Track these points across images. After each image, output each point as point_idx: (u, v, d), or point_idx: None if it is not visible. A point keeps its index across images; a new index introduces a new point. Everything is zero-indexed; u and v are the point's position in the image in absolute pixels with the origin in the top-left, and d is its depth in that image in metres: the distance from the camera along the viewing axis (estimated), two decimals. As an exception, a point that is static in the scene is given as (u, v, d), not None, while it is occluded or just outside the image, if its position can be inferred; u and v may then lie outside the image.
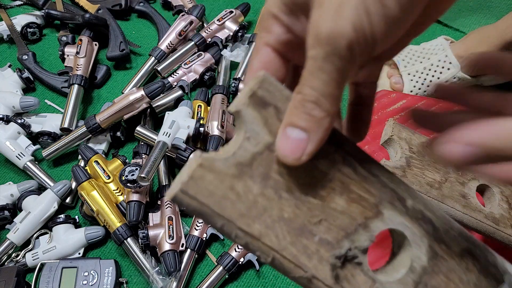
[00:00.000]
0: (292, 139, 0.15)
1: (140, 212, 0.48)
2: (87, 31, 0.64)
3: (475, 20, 0.73)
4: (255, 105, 0.16)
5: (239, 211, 0.16)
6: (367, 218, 0.18)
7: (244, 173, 0.16)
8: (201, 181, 0.15)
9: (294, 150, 0.15)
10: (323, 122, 0.15)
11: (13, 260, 0.50)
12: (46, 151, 0.55)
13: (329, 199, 0.17)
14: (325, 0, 0.14)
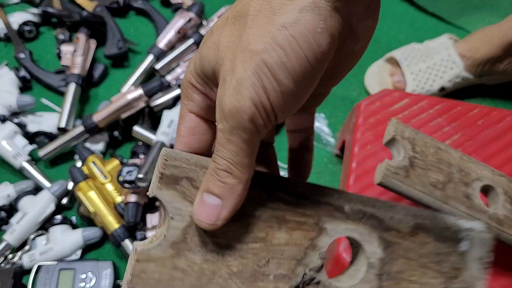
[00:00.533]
0: (208, 204, 0.16)
1: (138, 213, 0.48)
2: (84, 29, 0.63)
3: (478, 18, 0.72)
4: (168, 185, 0.17)
5: (190, 285, 0.16)
6: (312, 239, 0.18)
7: (181, 249, 0.17)
8: (144, 274, 0.16)
9: (209, 216, 0.16)
10: (236, 188, 0.16)
11: (10, 262, 0.49)
12: (43, 151, 0.55)
13: (270, 238, 0.18)
14: (227, 78, 0.16)
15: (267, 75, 0.16)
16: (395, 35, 0.71)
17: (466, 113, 0.45)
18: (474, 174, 0.34)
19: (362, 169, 0.41)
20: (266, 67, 0.15)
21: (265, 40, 0.15)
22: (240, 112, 0.16)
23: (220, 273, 0.17)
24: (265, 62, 0.15)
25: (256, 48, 0.16)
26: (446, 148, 0.34)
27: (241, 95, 0.16)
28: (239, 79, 0.16)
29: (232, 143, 0.16)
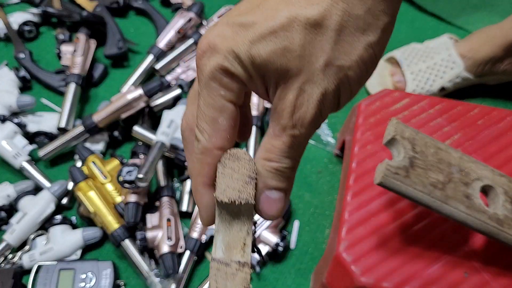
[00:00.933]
0: (274, 200, 0.18)
1: (138, 213, 0.48)
2: (84, 29, 0.63)
3: (478, 18, 0.72)
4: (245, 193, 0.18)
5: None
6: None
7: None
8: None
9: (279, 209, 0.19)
10: (294, 178, 0.19)
11: (10, 262, 0.49)
12: (42, 151, 0.55)
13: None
14: (306, 89, 0.17)
15: (346, 88, 0.18)
16: (395, 35, 0.70)
17: (466, 113, 0.45)
18: (474, 174, 0.34)
19: (362, 169, 0.41)
20: (348, 81, 0.17)
21: (352, 58, 0.17)
22: (321, 120, 0.18)
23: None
24: (348, 77, 0.17)
25: (343, 64, 0.17)
26: (446, 148, 0.34)
27: (324, 107, 0.17)
28: (324, 93, 0.17)
29: (303, 146, 0.18)
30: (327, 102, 0.17)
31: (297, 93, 0.17)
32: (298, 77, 0.17)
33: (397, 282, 0.35)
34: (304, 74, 0.17)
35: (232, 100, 0.18)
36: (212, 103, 0.18)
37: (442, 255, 0.37)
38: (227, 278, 0.16)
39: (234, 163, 0.17)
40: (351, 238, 0.37)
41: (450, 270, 0.36)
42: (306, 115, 0.17)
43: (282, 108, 0.17)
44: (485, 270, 0.36)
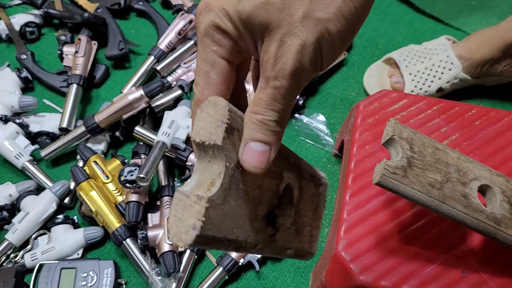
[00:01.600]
0: (257, 152, 0.18)
1: (139, 213, 0.48)
2: (86, 30, 0.64)
3: (476, 20, 0.73)
4: (228, 134, 0.18)
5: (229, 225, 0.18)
6: (277, 184, 0.22)
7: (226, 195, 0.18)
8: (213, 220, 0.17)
9: (261, 161, 0.19)
10: (281, 135, 0.19)
11: (12, 261, 0.49)
12: (44, 151, 0.55)
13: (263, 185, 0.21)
14: (286, 40, 0.17)
15: (327, 43, 0.17)
16: (393, 37, 0.71)
17: (464, 114, 0.45)
18: (472, 174, 0.35)
19: (361, 169, 0.41)
20: (329, 35, 0.17)
21: (331, 10, 0.17)
22: (302, 73, 0.18)
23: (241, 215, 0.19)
24: (328, 30, 0.17)
25: (321, 17, 0.17)
26: (444, 148, 0.35)
27: (304, 58, 0.17)
28: (303, 44, 0.17)
29: (287, 99, 0.18)
30: (307, 54, 0.17)
31: (278, 44, 0.17)
32: (279, 29, 0.17)
33: (396, 281, 0.36)
34: (284, 26, 0.17)
35: (224, 56, 0.19)
36: (205, 58, 0.19)
37: (440, 254, 0.37)
38: (185, 208, 0.17)
39: (211, 109, 0.18)
40: (350, 237, 0.37)
41: (447, 269, 0.37)
42: (286, 66, 0.17)
43: (266, 60, 0.18)
44: (483, 269, 0.37)
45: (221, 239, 0.18)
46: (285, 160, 0.23)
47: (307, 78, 0.18)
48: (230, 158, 0.18)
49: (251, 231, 0.20)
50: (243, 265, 0.48)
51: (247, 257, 0.48)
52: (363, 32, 0.71)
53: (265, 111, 0.18)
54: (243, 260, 0.48)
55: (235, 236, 0.19)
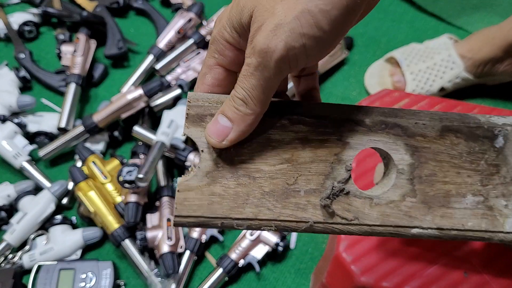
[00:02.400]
0: (220, 125, 0.19)
1: (138, 213, 0.48)
2: (84, 29, 0.63)
3: (478, 18, 0.72)
4: (195, 123, 0.20)
5: (228, 207, 0.19)
6: (337, 153, 0.20)
7: (215, 177, 0.19)
8: (187, 202, 0.19)
9: (218, 135, 0.19)
10: (246, 118, 0.19)
11: (10, 262, 0.49)
12: (43, 151, 0.55)
13: (295, 158, 0.20)
14: (265, 21, 0.17)
15: (309, 22, 0.17)
16: (395, 35, 0.71)
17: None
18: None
19: (362, 169, 0.41)
20: (310, 14, 0.17)
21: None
22: (270, 52, 0.17)
23: (253, 194, 0.19)
24: (309, 10, 0.17)
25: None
26: (446, 148, 0.34)
27: (276, 37, 0.17)
28: (278, 23, 0.17)
29: (254, 77, 0.18)
30: (281, 34, 0.17)
31: (258, 25, 0.18)
32: (260, 12, 0.18)
33: (397, 282, 0.35)
34: (264, 9, 0.17)
35: (222, 64, 0.20)
36: (206, 62, 0.21)
37: (441, 255, 0.37)
38: None
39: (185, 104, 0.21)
40: (351, 238, 0.37)
41: (449, 270, 0.36)
42: (257, 43, 0.17)
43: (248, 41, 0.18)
44: (485, 270, 0.37)
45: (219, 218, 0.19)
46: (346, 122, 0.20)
47: (279, 61, 0.17)
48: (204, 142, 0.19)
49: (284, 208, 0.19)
50: (243, 266, 0.48)
51: (247, 258, 0.48)
52: (364, 31, 0.71)
53: (236, 88, 0.19)
54: (243, 261, 0.48)
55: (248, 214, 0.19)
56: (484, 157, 0.20)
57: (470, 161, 0.20)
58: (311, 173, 0.20)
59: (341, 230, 0.20)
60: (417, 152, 0.20)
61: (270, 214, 0.19)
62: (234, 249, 0.48)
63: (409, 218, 0.19)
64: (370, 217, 0.20)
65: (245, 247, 0.48)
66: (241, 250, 0.48)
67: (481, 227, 0.19)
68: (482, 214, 0.20)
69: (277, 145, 0.20)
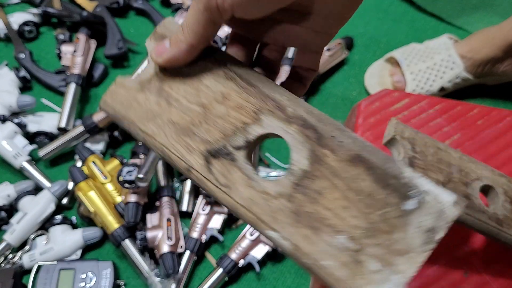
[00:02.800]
0: (162, 45, 0.21)
1: (138, 213, 0.48)
2: (84, 29, 0.63)
3: (478, 18, 0.72)
4: (156, 40, 0.23)
5: (139, 116, 0.21)
6: (246, 123, 0.20)
7: (144, 88, 0.22)
8: (115, 95, 0.22)
9: (158, 51, 0.21)
10: (180, 44, 0.20)
11: (10, 262, 0.49)
12: (43, 151, 0.55)
13: (210, 107, 0.21)
14: None
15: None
16: (394, 35, 0.71)
17: (466, 113, 0.45)
18: (474, 174, 0.34)
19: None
20: None
21: None
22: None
23: (162, 117, 0.21)
24: None
25: None
26: (446, 148, 0.34)
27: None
28: None
29: (192, 8, 0.20)
30: None
31: None
32: None
33: (397, 282, 0.35)
34: None
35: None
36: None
37: (441, 255, 0.37)
38: None
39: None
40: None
41: (450, 270, 0.36)
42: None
43: None
44: (485, 270, 0.37)
45: (128, 120, 0.21)
46: (270, 101, 0.20)
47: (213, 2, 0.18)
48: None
49: (176, 142, 0.20)
50: (243, 266, 0.48)
51: (247, 259, 0.48)
52: (364, 31, 0.71)
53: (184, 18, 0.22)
54: (243, 261, 0.48)
55: (149, 130, 0.21)
56: (383, 210, 0.17)
57: (365, 204, 0.17)
58: (214, 126, 0.20)
59: (211, 190, 0.19)
60: (317, 164, 0.19)
61: (163, 140, 0.20)
62: (234, 249, 0.48)
63: (273, 218, 0.18)
64: (239, 194, 0.19)
65: (245, 247, 0.48)
66: (241, 250, 0.48)
67: (336, 273, 0.17)
68: (345, 262, 0.17)
69: (203, 88, 0.21)
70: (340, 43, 0.65)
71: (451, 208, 0.17)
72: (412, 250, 0.16)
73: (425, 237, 0.16)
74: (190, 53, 0.21)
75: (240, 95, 0.21)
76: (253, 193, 0.19)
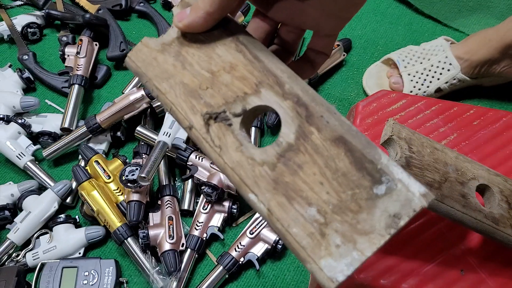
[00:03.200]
0: (184, 11, 0.23)
1: (140, 212, 0.48)
2: (87, 31, 0.64)
3: (474, 20, 0.73)
4: (182, 6, 0.24)
5: (156, 74, 0.23)
6: (246, 93, 0.22)
7: (165, 50, 0.24)
8: (139, 52, 0.24)
9: (179, 16, 0.23)
10: (199, 11, 0.22)
11: (14, 260, 0.50)
12: (46, 151, 0.55)
13: (218, 75, 0.23)
14: None
15: None
16: (392, 37, 0.72)
17: (462, 114, 0.46)
18: (470, 174, 0.35)
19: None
20: None
21: None
22: None
23: (175, 78, 0.23)
24: None
25: None
26: (443, 148, 0.35)
27: None
28: None
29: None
30: None
31: None
32: None
33: (394, 280, 0.36)
34: None
35: None
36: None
37: (438, 253, 0.38)
38: None
39: None
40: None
41: (446, 267, 0.37)
42: None
43: None
44: (481, 268, 0.37)
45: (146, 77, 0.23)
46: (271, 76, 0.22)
47: None
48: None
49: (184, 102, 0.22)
50: (243, 263, 0.49)
51: (247, 256, 0.49)
52: (362, 33, 0.72)
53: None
54: (243, 259, 0.49)
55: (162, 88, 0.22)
56: (354, 190, 0.18)
57: (339, 183, 0.18)
58: (219, 92, 0.22)
59: (206, 149, 0.21)
60: (302, 139, 0.20)
61: (173, 99, 0.22)
62: (234, 247, 0.49)
63: (254, 183, 0.19)
64: (229, 157, 0.20)
65: (245, 245, 0.49)
66: (241, 248, 0.49)
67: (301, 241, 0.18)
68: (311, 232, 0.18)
69: (215, 56, 0.23)
70: (339, 45, 0.66)
71: (419, 199, 0.17)
72: (375, 231, 0.17)
73: (389, 221, 0.17)
74: (207, 21, 0.22)
75: (246, 67, 0.22)
76: (241, 157, 0.20)
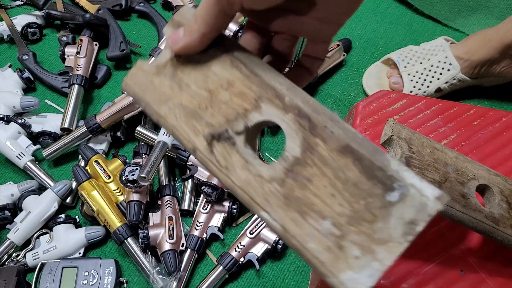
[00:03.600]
0: (177, 34, 0.22)
1: (140, 212, 0.48)
2: (87, 31, 0.64)
3: (474, 20, 0.73)
4: (173, 26, 0.24)
5: (154, 98, 0.23)
6: (246, 110, 0.21)
7: (160, 72, 0.23)
8: (135, 77, 0.24)
9: (173, 39, 0.23)
10: (193, 33, 0.22)
11: (14, 260, 0.50)
12: (46, 151, 0.55)
13: (216, 93, 0.22)
14: None
15: None
16: (392, 37, 0.72)
17: (462, 114, 0.46)
18: (470, 174, 0.35)
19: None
20: None
21: None
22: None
23: (173, 100, 0.23)
24: None
25: None
26: (442, 148, 0.35)
27: None
28: None
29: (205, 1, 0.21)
30: None
31: None
32: None
33: (394, 280, 0.36)
34: None
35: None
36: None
37: (438, 253, 0.38)
38: None
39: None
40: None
41: (446, 268, 0.37)
42: None
43: None
44: (481, 268, 0.37)
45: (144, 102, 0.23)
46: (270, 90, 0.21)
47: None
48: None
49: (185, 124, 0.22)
50: (243, 263, 0.49)
51: (247, 256, 0.49)
52: (362, 34, 0.72)
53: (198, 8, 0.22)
54: (243, 259, 0.49)
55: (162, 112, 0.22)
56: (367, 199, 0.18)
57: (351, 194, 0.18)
58: (219, 111, 0.22)
59: (213, 170, 0.21)
60: (309, 152, 0.19)
61: (174, 122, 0.22)
62: (234, 247, 0.49)
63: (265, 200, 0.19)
64: (236, 176, 0.20)
65: (245, 245, 0.49)
66: (241, 248, 0.49)
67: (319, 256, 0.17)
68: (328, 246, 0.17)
69: (211, 75, 0.23)
70: (339, 45, 0.66)
71: (434, 202, 0.17)
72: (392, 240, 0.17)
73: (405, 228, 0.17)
74: (202, 42, 0.22)
75: (243, 82, 0.22)
76: (249, 175, 0.20)
